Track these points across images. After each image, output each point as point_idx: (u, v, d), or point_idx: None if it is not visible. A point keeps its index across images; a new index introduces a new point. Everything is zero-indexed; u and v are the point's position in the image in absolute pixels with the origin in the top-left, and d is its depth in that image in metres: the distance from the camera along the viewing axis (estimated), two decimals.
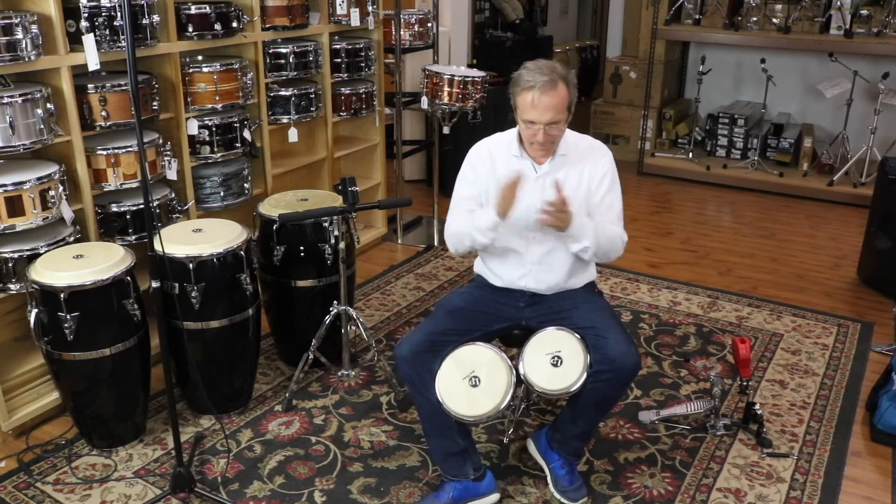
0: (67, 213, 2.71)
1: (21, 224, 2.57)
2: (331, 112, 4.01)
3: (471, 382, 2.24)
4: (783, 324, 3.63)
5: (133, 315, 2.58)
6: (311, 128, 4.06)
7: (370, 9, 4.04)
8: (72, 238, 2.75)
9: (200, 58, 3.27)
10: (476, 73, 4.18)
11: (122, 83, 2.84)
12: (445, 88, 4.08)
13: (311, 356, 2.94)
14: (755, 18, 5.73)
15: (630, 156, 6.30)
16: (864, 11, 5.38)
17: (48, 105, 2.61)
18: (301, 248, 3.00)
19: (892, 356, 3.00)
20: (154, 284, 2.26)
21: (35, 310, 2.46)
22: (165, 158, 3.08)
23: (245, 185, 3.51)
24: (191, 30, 3.12)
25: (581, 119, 6.55)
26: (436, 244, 4.58)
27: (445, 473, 2.41)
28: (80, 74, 2.80)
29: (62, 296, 2.41)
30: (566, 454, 2.46)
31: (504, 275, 2.47)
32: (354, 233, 3.14)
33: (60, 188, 2.67)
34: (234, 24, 3.29)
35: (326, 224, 3.00)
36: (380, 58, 4.28)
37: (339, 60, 3.98)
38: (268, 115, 3.64)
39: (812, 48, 5.65)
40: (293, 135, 3.81)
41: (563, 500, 2.44)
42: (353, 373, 3.15)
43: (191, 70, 3.19)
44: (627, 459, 2.66)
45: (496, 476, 2.49)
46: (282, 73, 3.64)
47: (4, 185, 2.52)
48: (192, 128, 3.23)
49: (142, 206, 2.88)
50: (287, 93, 3.68)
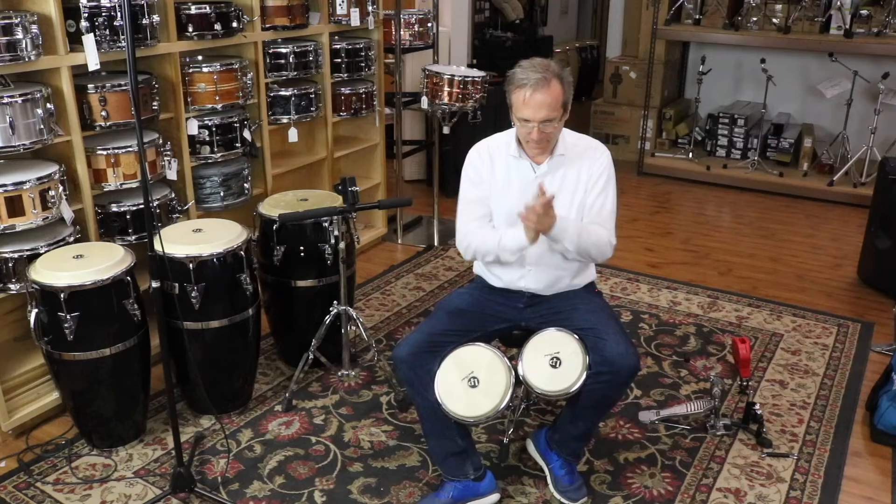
0: (67, 213, 2.71)
1: (21, 224, 2.57)
2: (331, 112, 4.01)
3: (470, 383, 2.24)
4: (783, 324, 3.63)
5: (133, 315, 2.58)
6: (311, 128, 4.06)
7: (370, 9, 4.03)
8: (72, 238, 2.75)
9: (200, 58, 3.27)
10: (476, 73, 4.18)
11: (122, 83, 2.84)
12: (445, 88, 4.07)
13: (311, 356, 2.94)
14: (755, 18, 5.73)
15: (630, 156, 6.30)
16: (864, 11, 5.38)
17: (48, 105, 2.61)
18: (301, 248, 3.00)
19: (892, 356, 3.00)
20: (154, 284, 2.26)
21: (35, 310, 2.46)
22: (165, 158, 3.08)
23: (245, 185, 3.51)
24: (191, 30, 3.12)
25: (581, 119, 6.56)
26: (436, 244, 4.57)
27: (445, 473, 2.41)
28: (80, 74, 2.80)
29: (62, 296, 2.42)
30: (565, 454, 2.46)
31: (503, 276, 2.47)
32: (354, 233, 3.14)
33: (60, 188, 2.67)
34: (234, 24, 3.29)
35: (326, 224, 3.00)
36: (380, 58, 4.28)
37: (339, 60, 3.98)
38: (268, 115, 3.64)
39: (812, 48, 5.64)
40: (293, 135, 3.81)
41: (563, 500, 2.44)
42: (353, 373, 3.14)
43: (191, 70, 3.19)
44: (627, 459, 2.67)
45: (496, 476, 2.49)
46: (282, 73, 3.64)
47: (4, 185, 2.52)
48: (192, 128, 3.23)
49: (142, 206, 2.88)
50: (287, 93, 3.68)
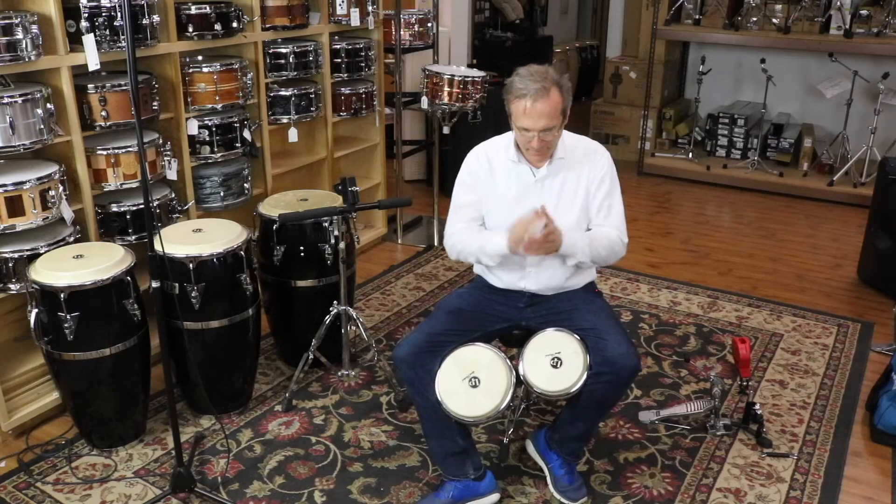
0: (67, 213, 2.71)
1: (21, 224, 2.57)
2: (331, 112, 4.00)
3: (470, 383, 2.24)
4: (783, 324, 3.63)
5: (133, 315, 2.58)
6: (311, 128, 4.06)
7: (370, 9, 4.03)
8: (72, 238, 2.75)
9: (200, 58, 3.27)
10: (476, 73, 4.18)
11: (122, 83, 2.84)
12: (445, 88, 4.07)
13: (311, 356, 2.94)
14: (755, 18, 5.73)
15: (630, 156, 6.30)
16: (864, 11, 5.38)
17: (48, 105, 2.61)
18: (301, 248, 3.00)
19: (892, 356, 3.00)
20: (154, 284, 2.26)
21: (35, 310, 2.46)
22: (165, 158, 3.08)
23: (245, 185, 3.51)
24: (191, 30, 3.12)
25: (581, 119, 6.56)
26: (436, 244, 4.58)
27: (445, 473, 2.41)
28: (80, 74, 2.80)
29: (62, 296, 2.42)
30: (565, 454, 2.46)
31: (504, 276, 2.47)
32: (354, 233, 3.14)
33: (60, 188, 2.67)
34: (234, 24, 3.29)
35: (326, 224, 3.00)
36: (380, 58, 4.28)
37: (339, 60, 3.98)
38: (268, 115, 3.64)
39: (812, 48, 5.64)
40: (293, 135, 3.81)
41: (563, 500, 2.44)
42: (353, 373, 3.14)
43: (191, 70, 3.19)
44: (627, 459, 2.66)
45: (496, 476, 2.49)
46: (282, 73, 3.63)
47: (4, 185, 2.52)
48: (192, 128, 3.23)
49: (142, 206, 2.88)
50: (287, 93, 3.68)
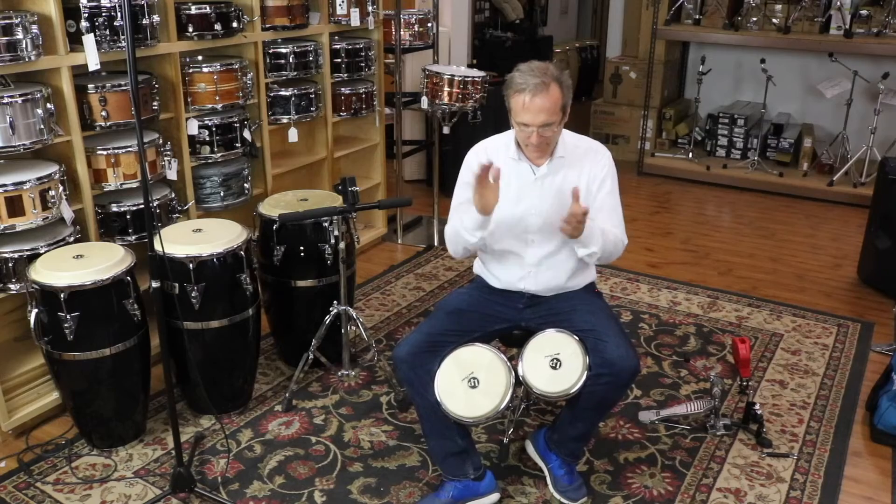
0: (67, 213, 2.71)
1: (21, 224, 2.57)
2: (331, 112, 4.00)
3: (470, 383, 2.24)
4: (783, 324, 3.63)
5: (133, 315, 2.58)
6: (311, 128, 4.06)
7: (370, 9, 4.03)
8: (72, 238, 2.75)
9: (200, 58, 3.27)
10: (476, 73, 4.18)
11: (122, 83, 2.84)
12: (445, 88, 4.08)
13: (311, 356, 2.93)
14: (755, 18, 5.73)
15: (630, 156, 6.29)
16: (864, 11, 5.38)
17: (48, 105, 2.61)
18: (301, 248, 3.00)
19: (892, 356, 3.00)
20: (154, 284, 2.26)
21: (35, 310, 2.46)
22: (165, 158, 3.08)
23: (245, 185, 3.51)
24: (191, 30, 3.12)
25: (581, 119, 6.56)
26: (436, 244, 4.58)
27: (445, 473, 2.41)
28: (80, 74, 2.80)
29: (62, 296, 2.42)
30: (564, 455, 2.46)
31: (503, 276, 2.47)
32: (354, 233, 3.14)
33: (60, 188, 2.67)
34: (234, 24, 3.29)
35: (326, 224, 3.00)
36: (380, 58, 4.28)
37: (339, 60, 3.98)
38: (268, 115, 3.64)
39: (812, 48, 5.64)
40: (293, 135, 3.81)
41: (563, 500, 2.44)
42: (353, 373, 3.14)
43: (191, 70, 3.19)
44: (627, 459, 2.67)
45: (496, 476, 2.49)
46: (282, 73, 3.64)
47: (4, 185, 2.52)
48: (192, 128, 3.23)
49: (142, 206, 2.88)
50: (287, 93, 3.68)
